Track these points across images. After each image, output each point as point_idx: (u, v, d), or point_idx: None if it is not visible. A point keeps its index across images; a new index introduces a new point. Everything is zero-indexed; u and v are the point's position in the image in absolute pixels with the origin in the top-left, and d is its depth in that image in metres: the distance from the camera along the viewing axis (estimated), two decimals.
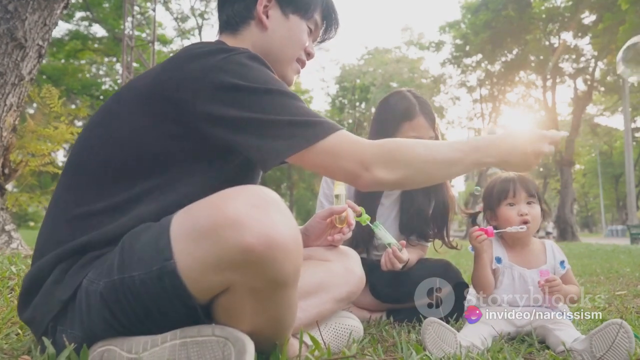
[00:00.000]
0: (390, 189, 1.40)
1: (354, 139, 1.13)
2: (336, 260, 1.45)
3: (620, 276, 4.35)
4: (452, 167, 1.16)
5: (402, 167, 1.13)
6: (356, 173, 1.11)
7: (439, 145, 1.19)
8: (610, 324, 1.28)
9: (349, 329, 1.42)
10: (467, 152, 1.17)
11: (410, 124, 1.98)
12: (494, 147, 1.19)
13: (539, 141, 1.21)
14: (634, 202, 24.28)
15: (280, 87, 1.10)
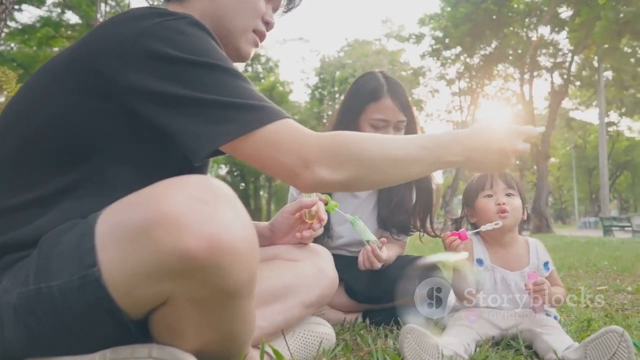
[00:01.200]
0: (336, 191, 1.23)
1: (297, 129, 0.96)
2: (306, 259, 1.30)
3: (599, 270, 4.31)
4: (410, 166, 1.02)
5: (349, 165, 0.96)
6: (295, 170, 0.94)
7: (396, 141, 1.03)
8: (607, 332, 1.16)
9: (319, 337, 1.27)
10: (429, 149, 1.02)
11: (376, 105, 1.83)
12: (461, 143, 1.04)
13: (513, 138, 1.08)
14: (607, 194, 24.76)
15: (221, 61, 0.92)
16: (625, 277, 3.74)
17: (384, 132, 1.81)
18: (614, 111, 38.12)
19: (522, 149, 1.09)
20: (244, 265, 0.74)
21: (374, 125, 1.82)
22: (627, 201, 53.69)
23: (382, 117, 1.81)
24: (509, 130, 1.08)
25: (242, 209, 0.77)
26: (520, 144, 1.08)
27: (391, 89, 1.83)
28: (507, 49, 24.91)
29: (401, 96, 1.83)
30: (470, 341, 1.41)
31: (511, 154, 1.07)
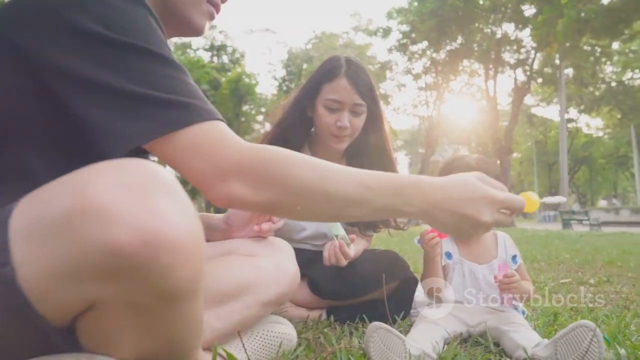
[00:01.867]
0: (254, 212, 1.13)
1: (222, 135, 0.83)
2: (265, 254, 1.20)
3: (561, 262, 4.38)
4: (349, 207, 0.86)
5: (272, 189, 0.83)
6: (208, 181, 0.82)
7: (340, 173, 0.86)
8: (577, 327, 1.11)
9: (279, 338, 1.18)
10: (379, 192, 0.86)
11: (331, 85, 1.71)
12: (422, 196, 0.88)
13: (487, 207, 0.90)
14: (566, 189, 25.53)
15: (153, 44, 0.80)
16: (587, 270, 3.79)
17: (338, 115, 1.70)
18: (574, 108, 39.36)
19: (490, 223, 0.90)
20: (187, 263, 0.64)
21: (328, 107, 1.71)
22: (584, 195, 55.61)
23: (336, 97, 1.69)
24: (480, 194, 0.89)
25: (186, 199, 0.67)
26: (489, 216, 0.89)
27: (350, 71, 1.71)
28: (473, 45, 25.29)
29: (360, 79, 1.71)
30: (439, 339, 1.35)
31: (481, 225, 0.90)
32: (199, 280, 0.69)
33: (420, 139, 36.27)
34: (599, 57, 24.74)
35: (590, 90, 32.89)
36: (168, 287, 0.64)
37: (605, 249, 6.06)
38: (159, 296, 0.65)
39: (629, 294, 2.58)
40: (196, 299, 0.71)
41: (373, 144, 1.78)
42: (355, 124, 1.72)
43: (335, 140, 1.73)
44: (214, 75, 30.63)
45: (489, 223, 0.90)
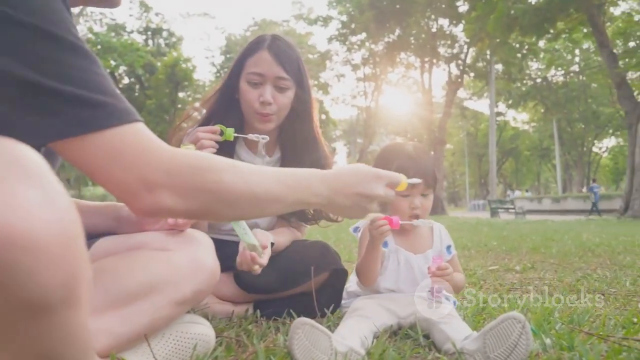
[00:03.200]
0: (182, 218, 1.07)
1: (146, 141, 0.77)
2: (179, 249, 1.08)
3: (489, 249, 4.52)
4: (268, 204, 0.92)
5: (201, 196, 0.83)
6: (132, 192, 0.77)
7: (259, 174, 0.91)
8: (506, 319, 1.09)
9: (193, 339, 1.07)
10: (291, 187, 0.94)
11: (253, 58, 1.60)
12: (325, 184, 0.98)
13: (372, 182, 1.03)
14: (494, 179, 26.77)
15: (67, 32, 0.71)
16: (513, 257, 3.93)
17: (261, 89, 1.59)
18: (502, 102, 41.30)
19: (382, 195, 1.03)
20: (54, 266, 0.53)
21: (250, 81, 1.59)
22: (511, 185, 58.67)
23: (257, 70, 1.58)
24: (369, 174, 1.03)
25: (55, 188, 0.55)
26: (380, 189, 1.03)
27: (273, 45, 1.60)
28: (410, 38, 25.80)
29: (283, 52, 1.60)
30: (368, 333, 1.29)
31: (370, 199, 1.02)
32: (75, 286, 0.57)
33: (359, 129, 36.74)
34: (526, 54, 26.01)
35: (518, 85, 34.63)
36: (30, 296, 0.52)
37: (530, 236, 6.36)
38: (20, 307, 0.53)
39: (552, 280, 2.67)
40: (74, 307, 0.60)
41: (302, 129, 1.68)
42: (281, 100, 1.60)
43: (261, 119, 1.61)
44: (148, 59, 29.39)
45: (381, 195, 1.03)
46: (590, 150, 42.19)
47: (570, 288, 2.35)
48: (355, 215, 1.05)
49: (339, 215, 1.08)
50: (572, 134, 39.73)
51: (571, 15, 16.02)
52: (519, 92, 36.99)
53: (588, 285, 2.42)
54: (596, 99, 35.93)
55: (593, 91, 35.38)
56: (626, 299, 2.05)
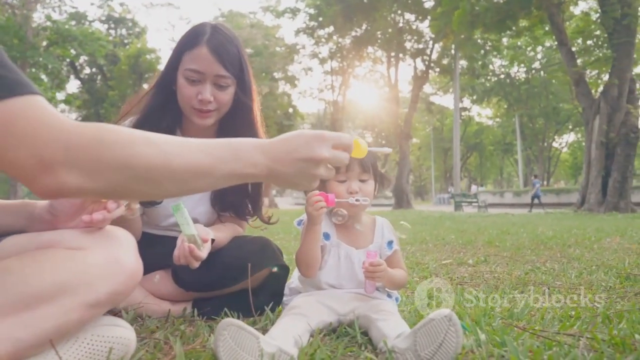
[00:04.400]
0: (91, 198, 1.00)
1: (44, 114, 0.71)
2: (95, 247, 1.01)
3: (447, 243, 4.57)
4: (195, 179, 0.84)
5: (110, 172, 0.75)
6: (30, 172, 0.70)
7: (181, 146, 0.83)
8: (435, 316, 1.07)
9: (108, 343, 1.01)
10: (221, 158, 0.85)
11: (190, 54, 1.53)
12: (262, 153, 0.89)
13: (317, 144, 0.92)
14: (458, 173, 27.25)
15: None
16: (468, 250, 3.98)
17: (199, 87, 1.52)
18: (467, 97, 42.07)
19: (328, 156, 0.92)
20: None
21: (188, 77, 1.53)
22: (475, 179, 59.90)
23: (195, 67, 1.51)
24: (311, 136, 0.93)
25: None
26: (324, 150, 0.92)
27: (213, 39, 1.53)
28: (376, 33, 25.89)
29: (224, 49, 1.53)
30: (302, 332, 1.26)
31: (315, 163, 0.92)
32: None
33: (326, 122, 36.72)
34: (490, 50, 26.50)
35: (482, 81, 35.29)
36: None
37: (488, 229, 6.47)
38: None
39: (502, 273, 2.70)
40: None
41: (242, 123, 1.62)
42: (221, 98, 1.55)
43: (198, 115, 1.55)
44: (110, 48, 28.57)
45: (327, 157, 0.92)
46: (550, 146, 43.47)
47: (518, 281, 2.38)
48: (303, 184, 0.94)
49: (285, 186, 0.96)
50: (533, 129, 40.83)
51: (532, 13, 16.37)
52: (483, 88, 37.74)
53: (535, 279, 2.46)
54: (557, 96, 37.00)
55: (554, 88, 36.41)
56: (569, 291, 2.08)
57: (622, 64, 14.34)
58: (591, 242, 4.41)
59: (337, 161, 0.95)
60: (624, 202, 13.93)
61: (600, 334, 1.23)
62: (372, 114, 40.17)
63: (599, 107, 14.66)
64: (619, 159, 14.14)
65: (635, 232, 5.45)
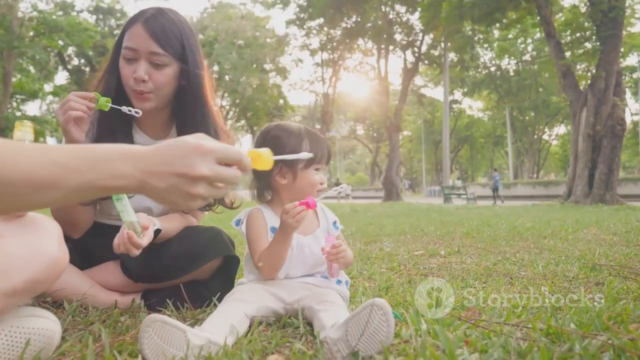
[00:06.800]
0: None
1: None
2: (13, 235, 0.98)
3: (425, 235, 4.56)
4: (41, 192, 0.73)
5: None
6: None
7: (26, 152, 0.73)
8: (367, 306, 1.05)
9: (26, 335, 0.98)
10: (74, 169, 0.74)
11: (128, 33, 1.49)
12: (132, 162, 0.77)
13: (192, 157, 0.79)
14: (448, 166, 27.32)
15: None
16: (445, 241, 3.98)
17: (134, 66, 1.48)
18: (458, 90, 42.13)
19: (207, 174, 0.79)
20: None
21: (125, 56, 1.49)
22: (466, 172, 60.19)
23: (129, 44, 1.47)
24: (190, 148, 0.79)
25: None
26: (204, 167, 0.79)
27: (151, 18, 1.48)
28: (367, 24, 25.80)
29: (160, 25, 1.48)
30: (240, 319, 1.23)
31: (192, 181, 0.79)
32: None
33: (317, 115, 36.65)
34: (479, 42, 26.50)
35: (472, 74, 35.32)
36: None
37: (469, 221, 6.48)
38: None
39: (471, 264, 2.70)
40: None
41: (193, 108, 1.58)
42: (157, 78, 1.49)
43: (136, 97, 1.50)
44: (98, 39, 28.25)
45: (207, 175, 0.79)
46: (540, 138, 43.72)
47: (484, 272, 2.37)
48: (177, 202, 0.81)
49: (161, 203, 0.83)
50: (523, 122, 41.04)
51: (520, 5, 16.36)
52: (473, 80, 37.79)
53: (502, 269, 2.45)
54: (547, 88, 37.19)
55: (544, 80, 36.57)
56: (530, 282, 2.08)
57: (609, 57, 14.40)
58: (567, 233, 4.42)
59: (221, 179, 0.81)
60: (610, 194, 14.04)
61: (542, 325, 1.22)
62: (363, 106, 40.13)
63: (586, 99, 14.72)
64: (606, 151, 14.23)
65: (614, 223, 5.48)
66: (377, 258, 2.95)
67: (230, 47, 31.90)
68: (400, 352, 1.07)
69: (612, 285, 1.90)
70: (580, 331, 1.16)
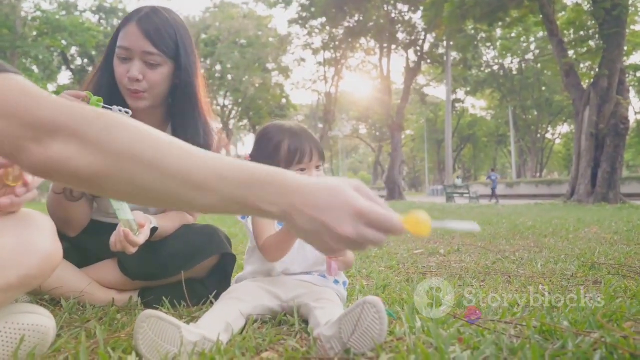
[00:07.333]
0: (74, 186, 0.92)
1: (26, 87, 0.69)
2: (6, 232, 0.99)
3: None
4: (192, 192, 0.74)
5: (102, 154, 0.70)
6: (16, 142, 0.67)
7: (181, 149, 0.75)
8: (361, 304, 1.05)
9: (21, 331, 0.98)
10: (230, 181, 0.74)
11: (122, 33, 1.50)
12: (283, 194, 0.75)
13: (344, 215, 0.74)
14: (450, 165, 27.30)
15: None
16: (445, 240, 3.97)
17: (129, 65, 1.48)
18: (461, 89, 42.06)
19: (356, 237, 0.74)
20: None
21: (119, 56, 1.49)
22: (469, 171, 60.08)
23: (123, 44, 1.48)
24: (347, 205, 0.74)
25: None
26: (354, 229, 0.74)
27: (145, 17, 1.48)
28: (369, 23, 25.78)
29: (154, 25, 1.48)
30: (236, 317, 1.24)
31: (342, 239, 0.74)
32: None
33: (320, 114, 36.66)
34: (482, 41, 26.45)
35: (475, 73, 35.25)
36: None
37: (470, 219, 6.46)
38: None
39: (470, 263, 2.70)
40: None
41: (185, 107, 1.58)
42: (152, 77, 1.49)
43: (131, 96, 1.51)
44: (101, 39, 28.33)
45: (352, 237, 0.74)
46: (544, 137, 43.60)
47: (482, 271, 2.37)
48: (314, 243, 0.78)
49: (298, 234, 0.79)
50: (526, 121, 40.91)
51: (523, 4, 16.30)
52: (476, 79, 37.71)
53: (501, 268, 2.45)
54: (550, 87, 37.05)
55: (547, 79, 36.44)
56: (528, 280, 2.08)
57: (612, 55, 14.34)
58: (568, 232, 4.41)
59: (365, 241, 0.75)
60: (613, 193, 13.99)
61: (536, 322, 1.22)
62: (365, 105, 40.11)
63: (589, 98, 14.67)
64: (609, 150, 14.18)
65: (615, 222, 5.46)
66: (376, 257, 2.95)
67: (232, 47, 31.93)
68: (393, 349, 1.07)
69: (610, 284, 1.90)
70: (574, 329, 1.16)
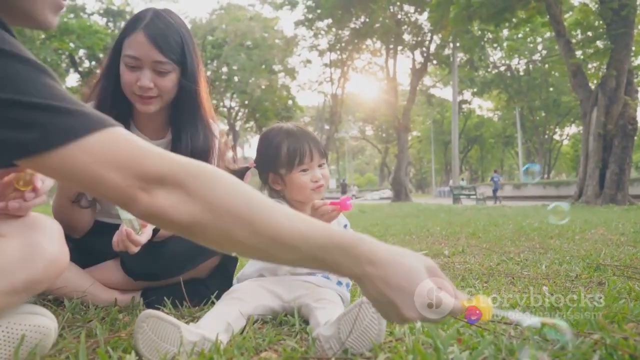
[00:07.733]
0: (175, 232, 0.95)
1: (132, 140, 0.76)
2: (13, 235, 1.00)
3: (430, 235, 4.55)
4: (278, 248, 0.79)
5: (195, 203, 0.76)
6: (128, 191, 0.74)
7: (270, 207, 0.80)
8: (359, 304, 1.06)
9: (22, 331, 1.00)
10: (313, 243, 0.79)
11: (129, 40, 1.50)
12: (355, 263, 0.80)
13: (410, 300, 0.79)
14: (457, 166, 27.22)
15: (18, 49, 0.73)
16: (450, 241, 3.97)
17: (138, 73, 1.49)
18: (467, 90, 41.92)
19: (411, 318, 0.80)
20: None
21: (127, 64, 1.50)
22: (476, 172, 59.81)
23: (132, 53, 1.48)
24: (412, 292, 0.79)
25: None
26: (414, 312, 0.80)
27: (152, 24, 1.49)
28: (375, 25, 25.78)
29: (162, 34, 1.48)
30: (236, 317, 1.25)
31: (404, 319, 0.81)
32: None
33: (326, 115, 36.69)
34: (488, 42, 26.36)
35: (482, 74, 35.13)
36: None
37: (476, 221, 6.44)
38: None
39: (474, 264, 2.69)
40: None
41: (188, 111, 1.60)
42: (162, 84, 1.51)
43: (140, 101, 1.52)
44: (109, 41, 28.51)
45: (413, 319, 0.81)
46: (551, 138, 43.34)
47: (486, 272, 2.36)
48: (379, 309, 0.85)
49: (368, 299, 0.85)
50: (534, 121, 40.68)
51: (530, 4, 16.23)
52: (483, 80, 37.58)
53: (505, 269, 2.44)
54: (557, 88, 36.83)
55: (554, 79, 36.23)
56: (531, 281, 2.07)
57: (620, 55, 14.24)
58: (574, 233, 4.38)
59: (422, 320, 0.82)
60: (621, 194, 13.88)
61: None
62: (372, 106, 40.09)
63: (597, 98, 14.57)
64: (617, 151, 14.07)
65: (622, 223, 5.42)
66: None
67: (239, 49, 32.02)
68: (392, 349, 1.08)
69: (614, 285, 1.88)
70: (575, 330, 1.16)
